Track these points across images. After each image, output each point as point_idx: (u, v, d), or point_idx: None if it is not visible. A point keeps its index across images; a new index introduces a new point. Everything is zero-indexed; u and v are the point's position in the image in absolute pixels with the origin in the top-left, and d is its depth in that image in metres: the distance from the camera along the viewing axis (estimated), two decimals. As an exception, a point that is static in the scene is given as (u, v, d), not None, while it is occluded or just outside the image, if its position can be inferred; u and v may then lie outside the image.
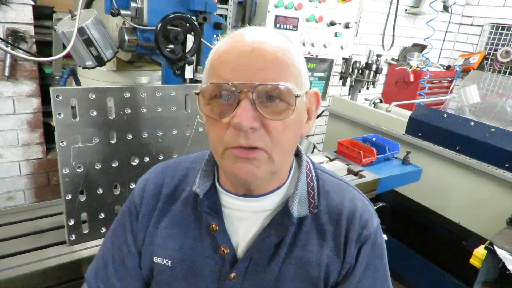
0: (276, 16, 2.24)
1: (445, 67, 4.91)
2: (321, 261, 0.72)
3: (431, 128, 2.39)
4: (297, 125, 0.68)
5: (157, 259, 0.76)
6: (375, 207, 1.03)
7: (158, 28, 1.30)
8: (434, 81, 4.58)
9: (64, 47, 1.32)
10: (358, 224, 0.74)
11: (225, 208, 0.75)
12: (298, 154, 0.81)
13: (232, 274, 0.72)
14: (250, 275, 0.73)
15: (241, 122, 0.60)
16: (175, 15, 1.33)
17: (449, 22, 4.90)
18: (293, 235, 0.73)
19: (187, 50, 1.40)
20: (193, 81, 1.47)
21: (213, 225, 0.73)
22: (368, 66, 2.93)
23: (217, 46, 0.67)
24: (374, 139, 2.22)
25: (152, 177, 0.84)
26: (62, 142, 1.06)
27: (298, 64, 0.66)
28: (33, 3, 2.02)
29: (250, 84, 0.61)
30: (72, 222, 1.12)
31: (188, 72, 1.45)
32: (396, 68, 4.51)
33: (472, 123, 2.26)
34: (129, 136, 1.18)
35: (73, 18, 1.31)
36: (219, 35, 1.64)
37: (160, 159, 1.27)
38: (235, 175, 0.66)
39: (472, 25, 5.03)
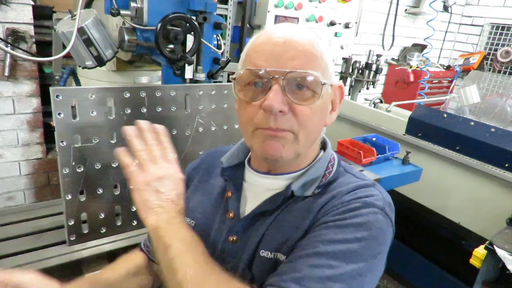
0: (276, 16, 2.24)
1: (445, 67, 4.91)
2: (301, 225, 0.71)
3: (431, 128, 2.39)
4: (322, 113, 0.75)
5: (187, 219, 0.87)
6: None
7: (158, 28, 1.30)
8: (434, 81, 4.58)
9: (64, 47, 1.32)
10: (347, 195, 0.71)
11: (245, 182, 0.84)
12: (325, 150, 0.84)
13: (232, 238, 0.78)
14: (246, 240, 0.76)
15: (272, 104, 0.67)
16: (175, 15, 1.33)
17: (449, 22, 4.90)
18: (287, 206, 0.76)
19: (187, 50, 1.40)
20: (193, 81, 1.47)
21: (229, 192, 0.83)
22: (368, 66, 2.93)
23: (253, 39, 0.76)
24: (374, 139, 2.22)
25: (200, 157, 1.01)
26: (62, 142, 1.06)
27: (325, 58, 0.73)
28: (33, 3, 2.01)
29: (282, 71, 0.68)
30: (72, 222, 1.12)
31: (188, 72, 1.45)
32: (396, 68, 4.51)
33: (472, 123, 2.26)
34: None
35: (73, 18, 1.31)
36: (219, 35, 1.64)
37: (160, 159, 1.27)
38: (263, 151, 0.72)
39: (472, 25, 5.04)
